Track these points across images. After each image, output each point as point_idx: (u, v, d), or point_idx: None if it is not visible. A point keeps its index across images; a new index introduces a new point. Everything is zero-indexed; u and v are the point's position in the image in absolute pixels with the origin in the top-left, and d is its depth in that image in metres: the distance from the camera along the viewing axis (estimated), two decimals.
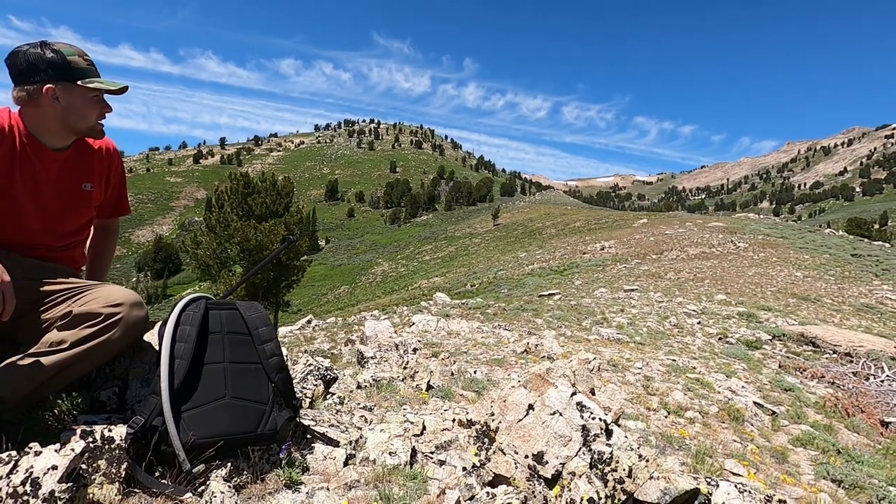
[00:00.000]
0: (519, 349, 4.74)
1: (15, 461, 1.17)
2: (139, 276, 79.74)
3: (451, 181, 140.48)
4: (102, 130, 1.64)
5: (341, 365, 3.82)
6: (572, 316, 7.50)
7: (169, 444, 1.34)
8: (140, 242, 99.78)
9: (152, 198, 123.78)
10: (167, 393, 1.36)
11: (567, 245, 32.45)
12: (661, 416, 3.14)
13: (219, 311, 1.60)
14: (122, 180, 1.86)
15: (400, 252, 73.92)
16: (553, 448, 1.59)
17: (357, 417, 2.09)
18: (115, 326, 1.40)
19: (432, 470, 1.68)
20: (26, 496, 1.12)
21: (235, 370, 1.51)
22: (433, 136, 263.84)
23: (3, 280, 1.21)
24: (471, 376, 3.28)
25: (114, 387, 1.64)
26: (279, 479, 1.46)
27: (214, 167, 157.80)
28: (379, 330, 4.82)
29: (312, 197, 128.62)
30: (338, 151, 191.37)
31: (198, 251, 19.53)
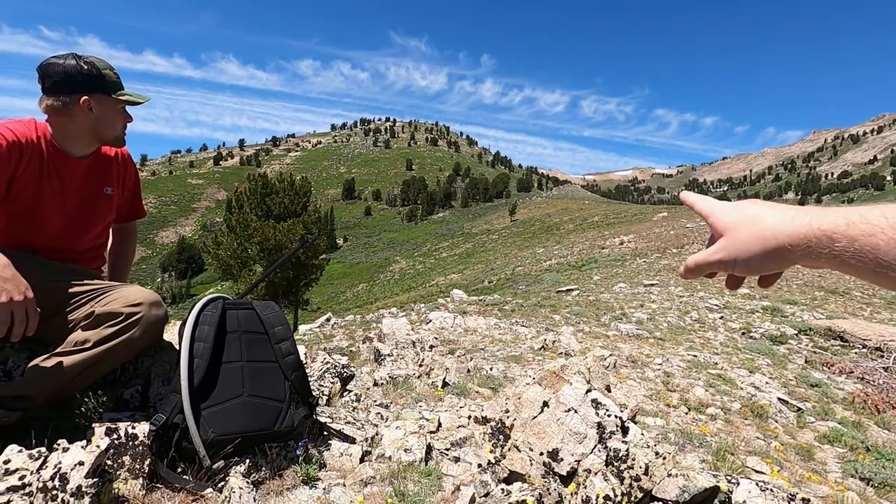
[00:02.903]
0: (536, 346, 4.72)
1: (44, 457, 1.22)
2: (163, 276, 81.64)
3: (468, 178, 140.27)
4: (124, 139, 1.71)
5: (359, 362, 3.85)
6: (591, 312, 7.43)
7: (189, 440, 1.38)
8: (164, 243, 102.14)
9: (175, 199, 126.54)
10: (187, 391, 1.39)
11: (585, 240, 32.12)
12: (682, 413, 3.09)
13: (236, 310, 1.63)
14: (137, 184, 1.92)
15: (417, 249, 74.17)
16: (568, 445, 1.59)
17: (373, 415, 2.11)
18: (136, 325, 1.44)
19: (447, 467, 1.69)
20: (55, 490, 1.16)
21: (252, 369, 1.54)
22: (448, 132, 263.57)
23: (26, 297, 1.25)
24: (487, 373, 3.28)
25: (137, 385, 1.69)
26: (296, 476, 1.49)
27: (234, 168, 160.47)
28: (396, 327, 4.85)
29: (330, 196, 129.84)
30: (354, 150, 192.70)
31: (219, 251, 19.91)
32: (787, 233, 0.48)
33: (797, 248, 0.47)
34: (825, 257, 0.46)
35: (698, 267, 0.57)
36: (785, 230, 0.49)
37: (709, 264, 0.56)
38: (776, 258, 0.50)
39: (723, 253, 0.54)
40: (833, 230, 0.45)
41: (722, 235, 0.55)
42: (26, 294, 1.25)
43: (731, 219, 0.54)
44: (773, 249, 0.50)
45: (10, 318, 1.22)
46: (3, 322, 1.20)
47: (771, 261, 0.50)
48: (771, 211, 0.52)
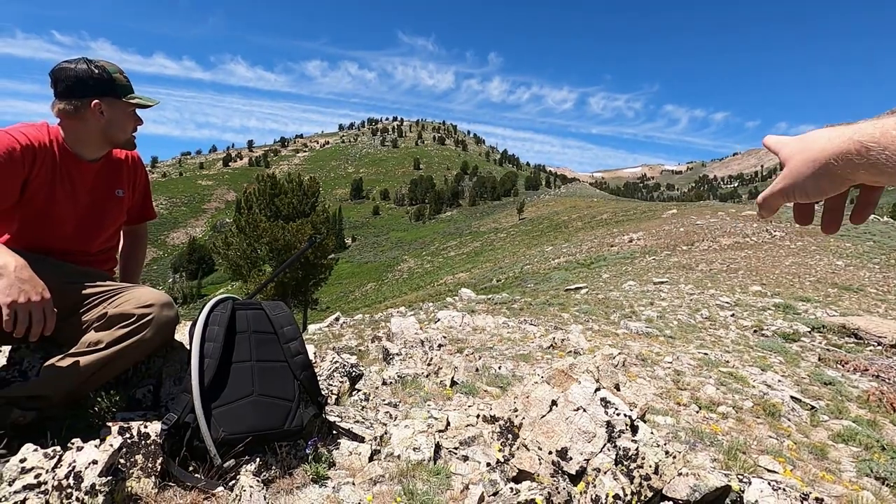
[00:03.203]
0: (545, 344, 4.70)
1: (59, 456, 1.24)
2: (175, 276, 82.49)
3: (475, 176, 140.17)
4: (134, 142, 1.73)
5: (368, 361, 3.87)
6: (600, 310, 7.39)
7: (201, 439, 1.39)
8: (175, 244, 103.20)
9: (185, 201, 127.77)
10: (198, 391, 1.41)
11: (594, 238, 31.95)
12: (692, 412, 3.06)
13: (245, 311, 1.64)
14: (148, 186, 1.95)
15: (425, 249, 74.25)
16: (577, 444, 1.58)
17: (382, 413, 2.11)
18: (148, 326, 1.46)
19: (456, 465, 1.69)
20: (70, 489, 1.18)
21: (262, 368, 1.56)
22: (456, 131, 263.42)
23: (43, 297, 1.27)
24: (495, 372, 3.28)
25: (148, 385, 1.71)
26: (306, 474, 1.50)
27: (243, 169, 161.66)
28: (405, 326, 4.86)
29: (338, 196, 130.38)
30: (362, 150, 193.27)
31: (229, 252, 20.09)
32: (830, 150, 0.51)
33: (840, 162, 0.50)
34: (864, 167, 0.48)
35: (766, 201, 0.61)
36: (829, 147, 0.51)
37: (773, 196, 0.59)
38: (825, 176, 0.52)
39: (783, 182, 0.57)
40: (870, 139, 0.47)
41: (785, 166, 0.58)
42: (43, 294, 1.27)
43: (790, 149, 0.57)
44: (822, 167, 0.52)
45: (29, 318, 1.24)
46: (22, 322, 1.22)
47: (822, 179, 0.53)
48: (824, 134, 0.53)
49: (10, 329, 1.22)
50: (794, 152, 0.56)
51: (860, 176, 0.50)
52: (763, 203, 0.62)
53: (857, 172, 0.49)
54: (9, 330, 1.22)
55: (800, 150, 0.55)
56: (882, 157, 0.45)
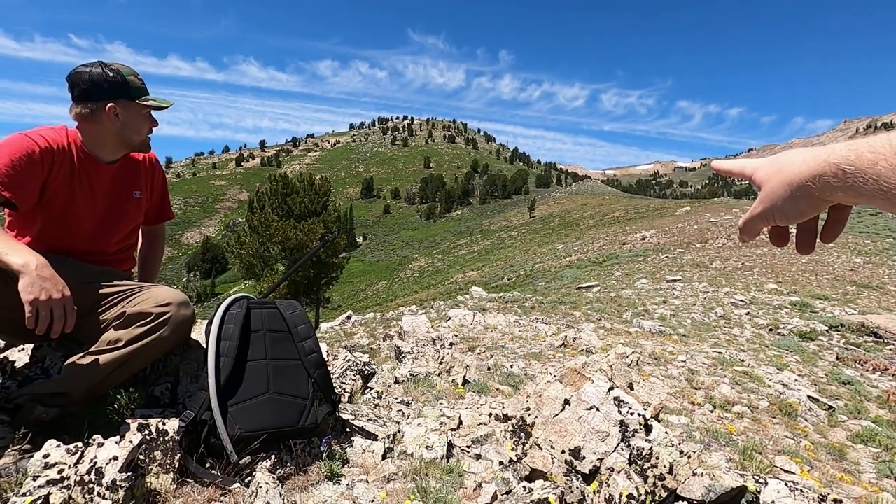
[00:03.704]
0: (557, 343, 4.69)
1: (81, 452, 1.26)
2: (189, 275, 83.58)
3: (486, 174, 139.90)
4: (149, 144, 1.76)
5: (380, 360, 3.89)
6: (612, 308, 7.34)
7: (217, 436, 1.41)
8: (189, 244, 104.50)
9: (199, 201, 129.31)
10: (214, 389, 1.43)
11: (606, 236, 31.72)
12: (707, 411, 3.03)
13: (260, 309, 1.66)
14: (165, 187, 1.97)
15: (436, 247, 74.30)
16: (590, 443, 1.58)
17: (395, 412, 2.13)
18: (165, 325, 1.49)
19: (469, 464, 1.69)
20: (91, 484, 1.21)
21: (277, 366, 1.57)
22: (466, 129, 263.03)
23: (64, 295, 1.30)
24: (507, 370, 3.27)
25: (166, 383, 1.74)
26: (321, 472, 1.51)
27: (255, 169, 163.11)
28: (416, 325, 4.87)
29: (349, 195, 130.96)
30: (372, 149, 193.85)
31: (242, 251, 20.30)
32: (807, 172, 0.50)
33: (817, 184, 0.49)
34: (841, 189, 0.47)
35: (746, 226, 0.61)
36: (805, 170, 0.50)
37: (753, 220, 0.59)
38: (804, 198, 0.51)
39: (762, 205, 0.57)
40: (845, 162, 0.46)
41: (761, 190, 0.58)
42: (64, 292, 1.30)
43: (765, 172, 0.57)
44: (799, 189, 0.51)
45: (50, 315, 1.27)
46: (44, 319, 1.25)
47: (801, 201, 0.52)
48: (799, 155, 0.53)
49: (33, 326, 1.24)
50: (770, 175, 0.56)
51: (838, 197, 0.49)
52: (743, 227, 0.61)
53: (835, 194, 0.49)
54: (31, 327, 1.24)
55: (775, 172, 0.55)
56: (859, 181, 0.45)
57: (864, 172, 0.44)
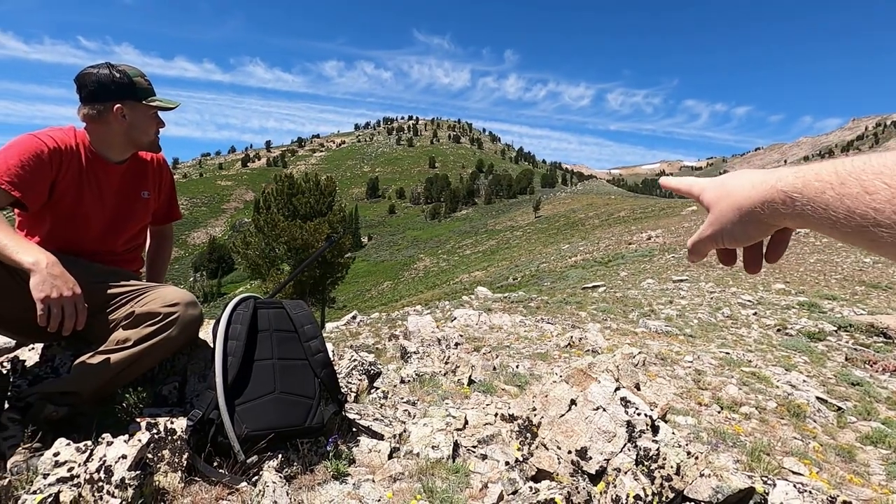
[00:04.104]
0: (562, 343, 4.68)
1: (90, 450, 1.28)
2: (195, 275, 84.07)
3: (491, 174, 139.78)
4: (159, 144, 1.77)
5: (385, 360, 3.89)
6: (618, 308, 7.31)
7: (225, 435, 1.42)
8: (196, 244, 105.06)
9: (205, 201, 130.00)
10: (221, 388, 1.44)
11: (611, 235, 31.60)
12: (714, 412, 3.01)
13: (266, 309, 1.67)
14: (173, 187, 1.98)
15: (441, 247, 74.32)
16: (597, 444, 1.57)
17: (401, 411, 2.13)
18: (173, 325, 1.50)
19: (475, 464, 1.69)
20: (101, 482, 1.22)
21: (283, 366, 1.58)
22: (471, 129, 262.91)
23: (74, 293, 1.31)
24: (513, 371, 3.27)
25: (174, 382, 1.75)
26: (327, 471, 1.52)
27: (261, 170, 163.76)
28: (421, 325, 4.88)
29: (354, 195, 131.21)
30: (378, 149, 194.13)
31: (248, 251, 20.39)
32: (756, 198, 0.50)
33: (766, 210, 0.49)
34: (790, 217, 0.47)
35: (695, 247, 0.60)
36: (754, 195, 0.50)
37: (702, 242, 0.58)
38: (752, 223, 0.51)
39: (711, 228, 0.56)
40: (792, 190, 0.46)
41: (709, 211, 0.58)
42: (74, 290, 1.31)
43: (714, 194, 0.56)
44: (747, 214, 0.51)
45: (61, 313, 1.28)
46: (55, 317, 1.26)
47: (750, 226, 0.52)
48: (748, 179, 0.52)
49: (45, 324, 1.26)
50: (719, 197, 0.55)
51: (786, 223, 0.49)
52: (692, 248, 0.60)
53: (783, 220, 0.48)
54: (43, 325, 1.26)
55: (724, 195, 0.54)
56: (808, 209, 0.44)
57: (811, 201, 0.44)
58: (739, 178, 0.54)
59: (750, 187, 0.51)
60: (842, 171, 0.41)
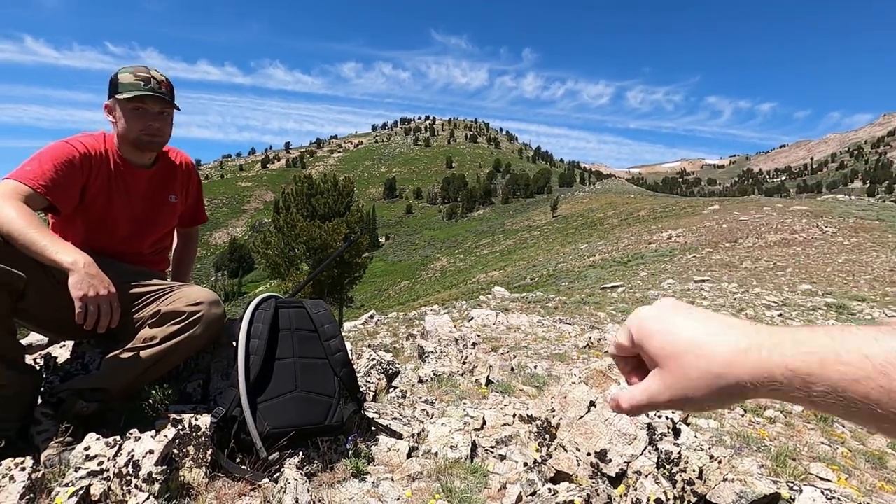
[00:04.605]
0: (581, 343, 4.64)
1: (119, 445, 1.31)
2: (217, 275, 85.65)
3: (508, 174, 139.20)
4: (150, 143, 1.67)
5: (403, 359, 3.92)
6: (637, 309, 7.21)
7: (247, 432, 1.45)
8: (217, 244, 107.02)
9: (226, 202, 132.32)
10: (244, 386, 1.46)
11: (631, 235, 31.19)
12: (737, 415, 2.95)
13: (287, 309, 1.70)
14: (200, 192, 2.02)
15: (458, 247, 74.33)
16: (617, 446, 1.56)
17: (419, 411, 2.14)
18: (197, 323, 1.53)
19: (493, 464, 1.69)
20: (129, 476, 1.25)
21: (304, 365, 1.60)
22: (488, 129, 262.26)
23: (109, 291, 1.35)
24: (531, 371, 3.26)
25: (198, 379, 1.79)
26: (347, 469, 1.53)
27: (281, 170, 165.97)
28: (439, 325, 4.89)
29: (371, 195, 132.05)
30: (395, 150, 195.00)
31: (268, 251, 20.69)
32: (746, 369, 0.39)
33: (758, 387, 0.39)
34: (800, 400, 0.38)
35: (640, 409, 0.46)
36: (742, 365, 0.39)
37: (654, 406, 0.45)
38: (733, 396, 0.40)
39: (669, 393, 0.43)
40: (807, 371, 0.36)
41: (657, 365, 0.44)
42: (109, 289, 1.35)
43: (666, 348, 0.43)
44: (729, 387, 0.40)
45: (97, 311, 1.32)
46: (92, 314, 1.31)
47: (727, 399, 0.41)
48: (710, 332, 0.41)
49: (82, 321, 1.30)
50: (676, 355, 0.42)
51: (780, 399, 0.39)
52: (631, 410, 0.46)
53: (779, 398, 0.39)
54: (80, 322, 1.30)
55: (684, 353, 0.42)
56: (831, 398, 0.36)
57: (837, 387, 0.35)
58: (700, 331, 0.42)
59: (730, 354, 0.40)
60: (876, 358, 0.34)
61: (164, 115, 1.67)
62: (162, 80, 1.64)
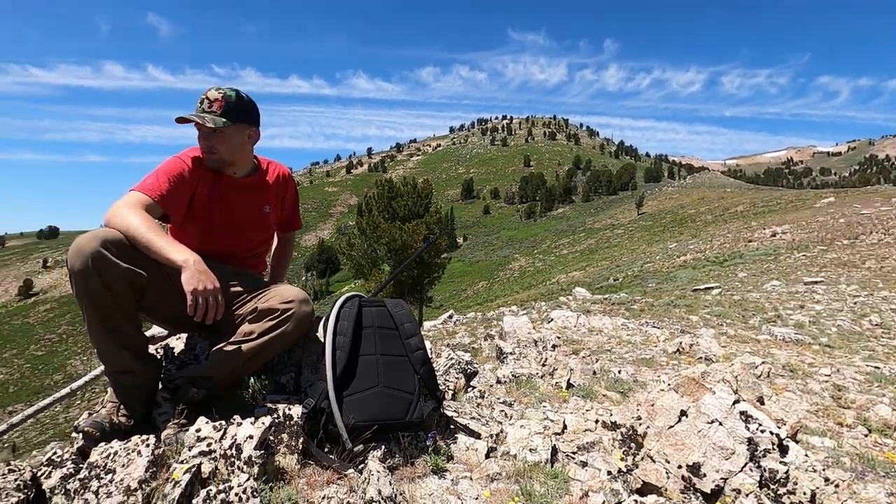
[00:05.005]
0: (670, 349, 4.35)
1: (224, 429, 1.45)
2: (307, 275, 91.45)
3: (589, 171, 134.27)
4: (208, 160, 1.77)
5: (481, 359, 3.92)
6: (735, 313, 6.63)
7: (334, 424, 1.53)
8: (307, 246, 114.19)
9: (315, 206, 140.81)
10: (331, 380, 1.55)
11: (727, 232, 28.75)
12: (859, 434, 2.61)
13: (370, 307, 1.77)
14: (296, 201, 2.16)
15: (536, 247, 73.00)
16: (712, 460, 1.44)
17: (497, 412, 2.13)
18: (290, 320, 1.65)
19: (574, 471, 1.64)
20: (233, 458, 1.37)
21: (386, 362, 1.66)
22: (567, 125, 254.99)
23: (216, 287, 1.50)
24: (615, 376, 3.11)
25: (291, 372, 1.92)
26: (426, 465, 1.57)
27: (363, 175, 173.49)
28: (517, 325, 4.83)
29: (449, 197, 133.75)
30: (472, 151, 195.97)
31: (352, 252, 21.72)
32: None
33: None
34: None
35: None
36: None
37: None
38: None
39: None
40: None
41: None
42: (215, 284, 1.50)
43: None
44: None
45: (206, 305, 1.47)
46: (202, 307, 1.46)
47: None
48: None
49: (192, 313, 1.45)
50: None
51: None
52: None
53: None
54: (191, 314, 1.45)
55: None
56: None
57: None
58: None
59: None
60: None
61: (217, 133, 1.71)
62: (215, 99, 1.70)
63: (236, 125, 1.74)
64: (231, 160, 1.81)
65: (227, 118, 1.70)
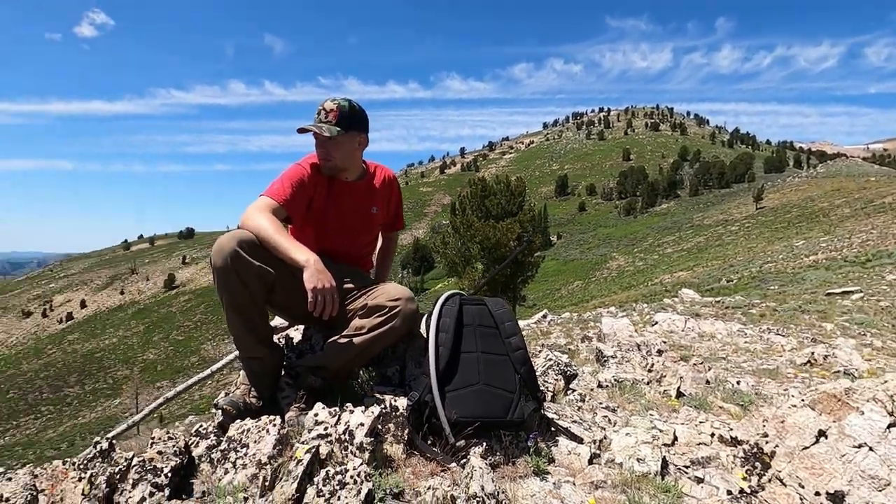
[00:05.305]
0: (799, 360, 3.88)
1: (338, 416, 1.56)
2: (403, 272, 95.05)
3: (697, 162, 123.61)
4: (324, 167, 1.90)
5: (579, 361, 3.79)
6: (883, 321, 5.72)
7: (437, 417, 1.58)
8: (403, 245, 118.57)
9: (410, 206, 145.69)
10: (434, 375, 1.60)
11: (871, 228, 24.86)
12: None
13: (470, 306, 1.80)
14: (399, 202, 2.26)
15: (636, 245, 68.86)
16: (860, 490, 1.26)
17: (600, 417, 2.05)
18: (397, 316, 1.74)
19: (689, 486, 1.53)
20: (346, 443, 1.48)
21: (487, 360, 1.68)
22: (672, 114, 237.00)
23: (332, 285, 1.63)
24: (732, 387, 2.85)
25: (396, 366, 2.02)
26: (528, 466, 1.56)
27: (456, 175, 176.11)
28: (617, 328, 4.61)
29: (543, 194, 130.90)
30: (566, 146, 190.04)
31: (446, 250, 22.18)
32: None
33: None
34: None
35: None
36: None
37: None
38: None
39: None
40: None
41: None
42: (332, 283, 1.63)
43: None
44: None
45: (323, 301, 1.60)
46: (320, 304, 1.59)
47: None
48: None
49: (312, 309, 1.59)
50: None
51: None
52: None
53: None
54: (311, 310, 1.59)
55: None
56: None
57: None
58: None
59: None
60: None
61: (331, 141, 1.82)
62: (331, 110, 1.81)
63: (349, 133, 1.86)
64: (344, 166, 1.94)
65: (341, 127, 1.83)
